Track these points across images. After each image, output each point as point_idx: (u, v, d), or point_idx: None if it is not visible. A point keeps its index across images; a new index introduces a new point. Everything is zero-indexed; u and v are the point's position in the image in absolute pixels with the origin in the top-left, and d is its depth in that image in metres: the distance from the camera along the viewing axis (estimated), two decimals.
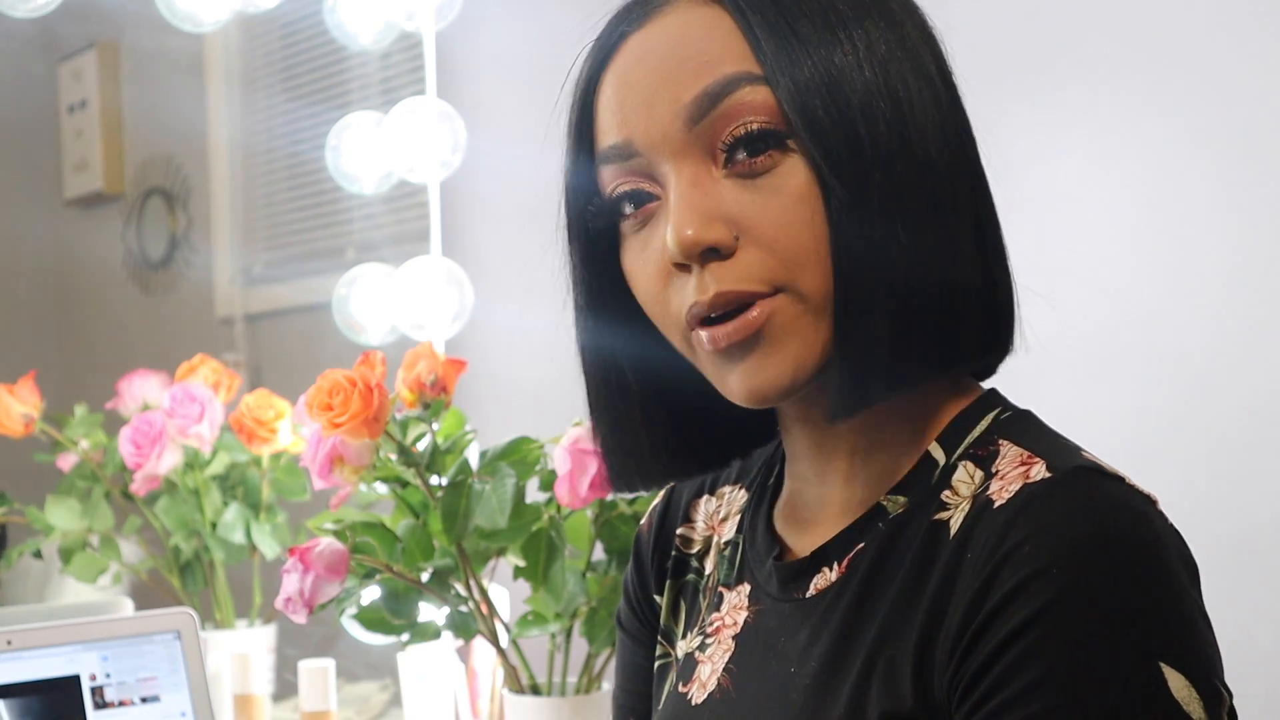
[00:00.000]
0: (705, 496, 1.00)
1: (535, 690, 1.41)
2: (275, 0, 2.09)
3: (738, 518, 0.96)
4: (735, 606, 0.91)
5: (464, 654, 1.70)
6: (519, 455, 1.35)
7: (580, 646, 1.40)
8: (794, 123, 0.77)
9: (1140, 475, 0.78)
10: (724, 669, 0.89)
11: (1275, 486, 1.51)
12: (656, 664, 0.99)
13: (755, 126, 0.77)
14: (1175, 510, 0.77)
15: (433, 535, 1.36)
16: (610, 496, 1.34)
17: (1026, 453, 0.77)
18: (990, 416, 0.82)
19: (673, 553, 0.99)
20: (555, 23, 2.19)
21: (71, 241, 2.43)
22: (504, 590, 1.54)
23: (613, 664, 1.42)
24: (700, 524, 0.99)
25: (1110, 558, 0.70)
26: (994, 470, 0.78)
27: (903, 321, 0.77)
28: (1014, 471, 0.76)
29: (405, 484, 1.38)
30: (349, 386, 1.27)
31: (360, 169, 2.03)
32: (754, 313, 0.77)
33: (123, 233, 2.41)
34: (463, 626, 1.38)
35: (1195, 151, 1.57)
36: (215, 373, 1.89)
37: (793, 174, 0.77)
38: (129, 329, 2.45)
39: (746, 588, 0.91)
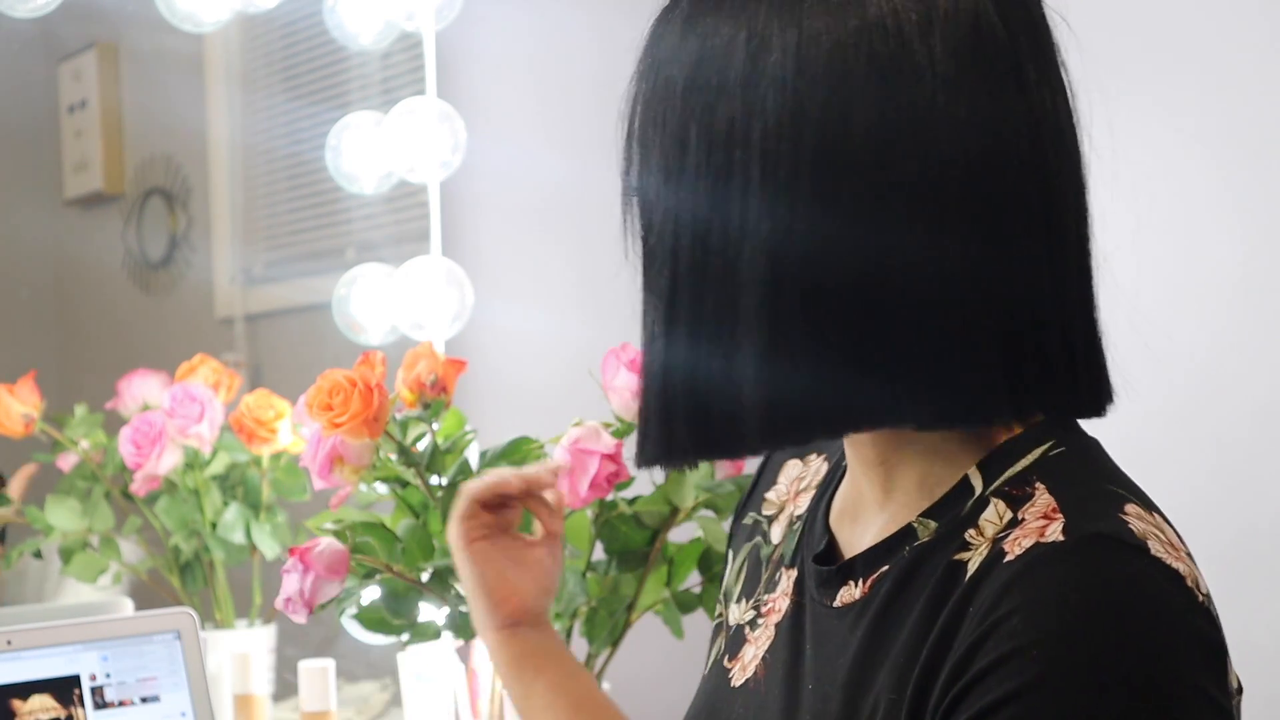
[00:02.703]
0: (795, 460, 0.96)
1: None
2: (275, 0, 2.09)
3: (814, 492, 0.93)
4: (784, 592, 0.88)
5: (464, 654, 1.70)
6: (519, 455, 1.35)
7: (580, 647, 1.40)
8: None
9: (1141, 476, 0.77)
10: (763, 657, 0.87)
11: (1276, 487, 1.51)
12: (715, 620, 0.97)
13: None
14: (1175, 511, 0.76)
15: (433, 535, 1.36)
16: (610, 497, 1.34)
17: (1054, 504, 0.72)
18: (1039, 451, 0.76)
19: (752, 513, 0.97)
20: (555, 23, 2.20)
21: (71, 241, 2.43)
22: None
23: (613, 664, 1.42)
24: (783, 487, 0.96)
25: (1097, 644, 0.65)
26: (1020, 517, 0.73)
27: (940, 353, 0.72)
28: (1034, 524, 0.71)
29: (405, 484, 1.38)
30: (349, 386, 1.27)
31: (360, 169, 2.03)
32: None
33: (123, 233, 2.40)
34: (463, 626, 1.38)
35: (1199, 151, 1.57)
36: (215, 373, 1.89)
37: None
38: (129, 329, 2.44)
39: (794, 574, 0.88)
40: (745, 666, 0.88)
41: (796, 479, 0.95)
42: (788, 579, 0.89)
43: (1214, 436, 1.56)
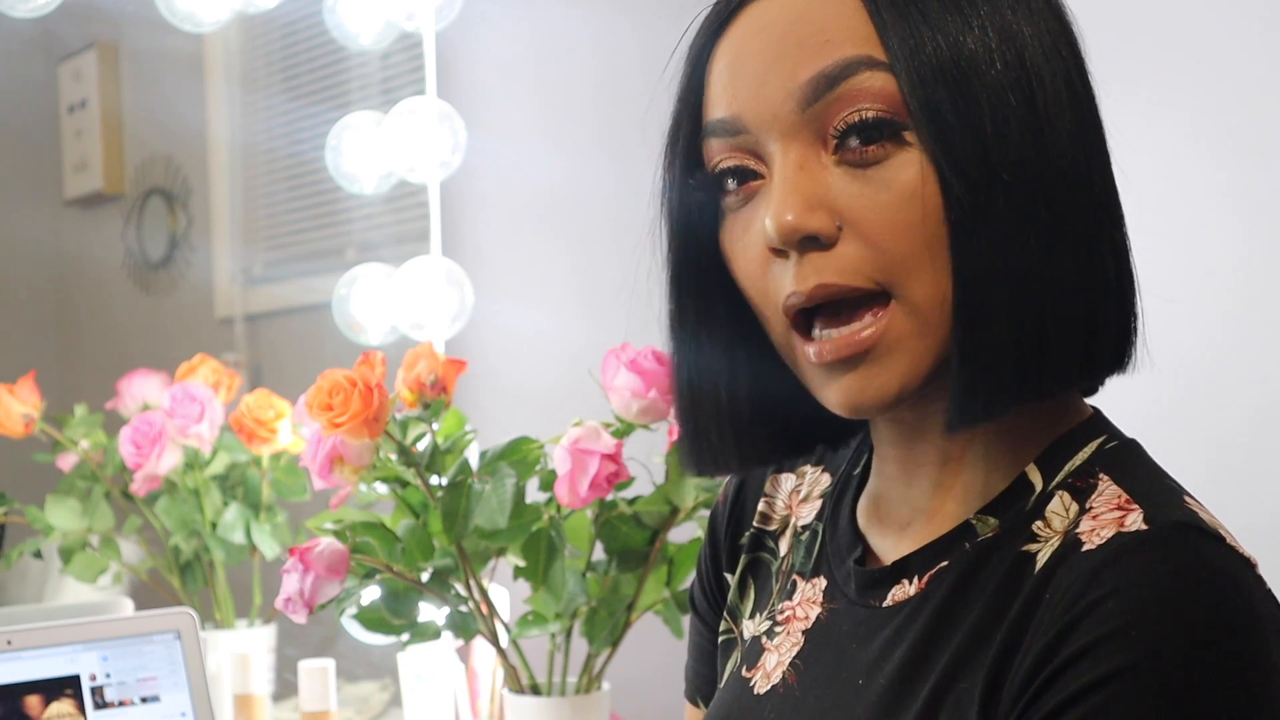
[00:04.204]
0: (785, 473, 0.96)
1: (535, 690, 1.41)
2: (275, 0, 2.09)
3: (818, 503, 0.92)
4: (808, 600, 0.88)
5: (464, 654, 1.70)
6: (519, 455, 1.35)
7: (580, 646, 1.40)
8: (915, 115, 0.73)
9: None
10: (790, 663, 0.86)
11: (1276, 487, 1.51)
12: (721, 639, 0.96)
13: (871, 114, 0.73)
14: None
15: (433, 535, 1.36)
16: (610, 497, 1.34)
17: (1125, 495, 0.74)
18: (1095, 445, 0.78)
19: (750, 529, 0.96)
20: (555, 23, 2.20)
21: (71, 241, 2.43)
22: (504, 590, 1.54)
23: (613, 664, 1.42)
24: (780, 501, 0.95)
25: (1196, 627, 0.66)
26: (1088, 507, 0.74)
27: (1032, 332, 0.73)
28: (1109, 514, 0.73)
29: (405, 484, 1.38)
30: (349, 386, 1.27)
31: (360, 169, 2.03)
32: (865, 332, 0.74)
33: (123, 233, 2.41)
34: (463, 626, 1.38)
35: (1200, 151, 1.57)
36: (215, 373, 1.89)
37: (906, 168, 0.73)
38: (129, 329, 2.44)
39: (822, 582, 0.88)
40: (769, 674, 0.87)
41: (793, 491, 0.95)
42: (813, 587, 0.88)
43: (1214, 436, 1.56)
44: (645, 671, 1.66)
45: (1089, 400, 0.84)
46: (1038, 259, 0.73)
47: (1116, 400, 0.84)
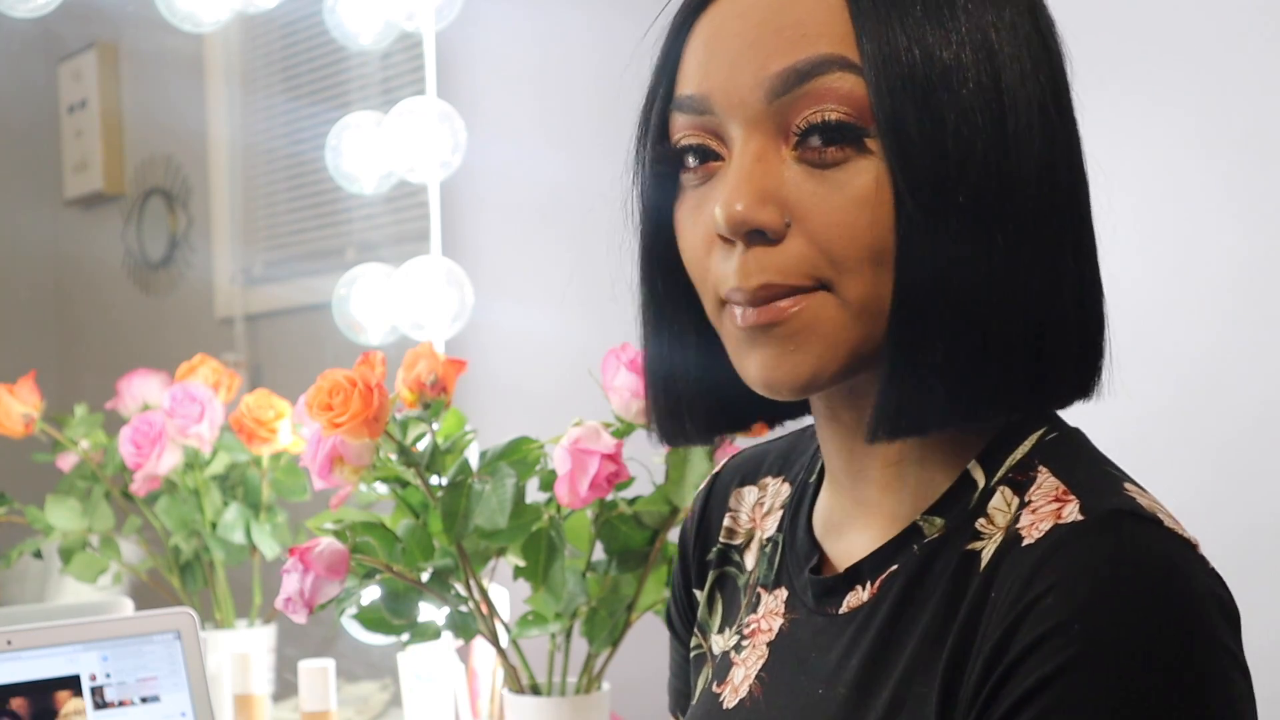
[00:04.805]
0: (748, 486, 0.97)
1: (535, 690, 1.41)
2: (275, 0, 2.09)
3: (779, 514, 0.93)
4: (771, 611, 0.88)
5: (464, 654, 1.70)
6: (519, 455, 1.35)
7: (580, 646, 1.40)
8: (879, 124, 0.72)
9: (1141, 476, 0.78)
10: (756, 676, 0.87)
11: (1276, 487, 1.51)
12: (692, 654, 0.97)
13: (835, 117, 0.73)
14: (1177, 511, 0.76)
15: (433, 535, 1.36)
16: (610, 497, 1.34)
17: (1063, 486, 0.74)
18: (1035, 437, 0.78)
19: (716, 545, 0.97)
20: (555, 23, 2.20)
21: (71, 241, 2.43)
22: (504, 590, 1.54)
23: (613, 664, 1.42)
24: (744, 514, 0.96)
25: (1135, 613, 0.66)
26: (1027, 500, 0.74)
27: (967, 354, 0.72)
28: (1047, 507, 0.73)
29: (405, 484, 1.38)
30: (349, 386, 1.27)
31: (360, 169, 2.03)
32: (791, 308, 0.74)
33: (123, 233, 2.40)
34: (463, 626, 1.38)
35: (1200, 151, 1.57)
36: (215, 373, 1.89)
37: (863, 174, 0.73)
38: (129, 329, 2.44)
39: (784, 593, 0.88)
40: (736, 688, 0.88)
41: (756, 504, 0.96)
42: (775, 598, 0.89)
43: (1214, 436, 1.56)
44: (645, 671, 1.66)
45: (1098, 402, 0.83)
46: (985, 282, 0.72)
47: (1116, 400, 0.84)
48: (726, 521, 0.97)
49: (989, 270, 0.72)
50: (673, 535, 1.39)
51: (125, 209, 2.41)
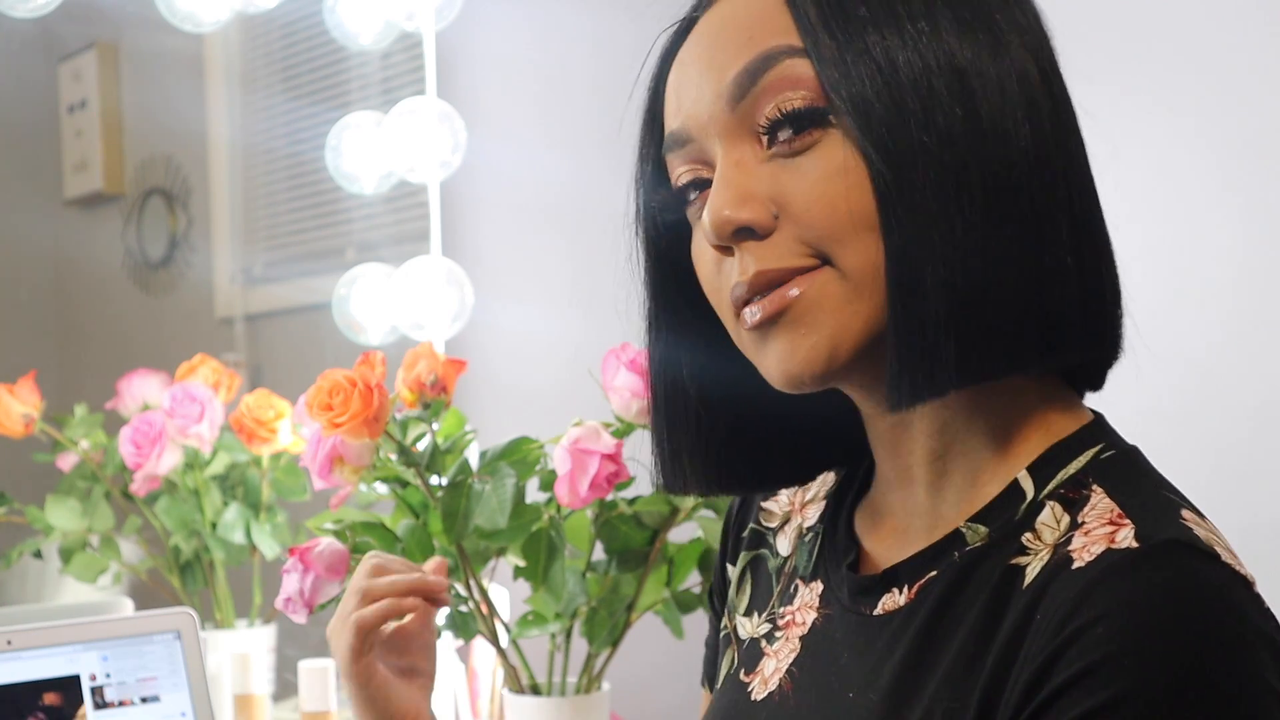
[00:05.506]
0: None
1: (535, 690, 1.41)
2: (275, 0, 2.09)
3: (823, 504, 0.92)
4: (806, 604, 0.87)
5: (464, 654, 1.70)
6: (519, 455, 1.35)
7: (580, 646, 1.40)
8: (829, 91, 0.73)
9: None
10: (787, 670, 0.86)
11: (1276, 487, 1.51)
12: (721, 633, 0.96)
13: (795, 104, 0.74)
14: None
15: (433, 535, 1.36)
16: (610, 497, 1.34)
17: (1118, 509, 0.72)
18: (1091, 453, 0.76)
19: (751, 524, 0.96)
20: (555, 23, 2.20)
21: (71, 241, 2.43)
22: (504, 590, 1.54)
23: (613, 664, 1.42)
24: (783, 499, 0.95)
25: (1186, 652, 0.65)
26: (1080, 520, 0.72)
27: (968, 307, 0.72)
28: (1100, 529, 0.71)
29: (405, 484, 1.38)
30: (349, 386, 1.27)
31: (360, 169, 2.04)
32: (792, 291, 0.74)
33: (123, 233, 2.40)
34: (463, 626, 1.38)
35: (1201, 151, 1.57)
36: (215, 373, 1.89)
37: (832, 148, 0.73)
38: (129, 329, 2.44)
39: (820, 586, 0.87)
40: (766, 680, 0.87)
41: (800, 490, 0.95)
42: (810, 591, 0.88)
43: (1214, 436, 1.56)
44: (645, 671, 1.66)
45: (1097, 403, 0.83)
46: (971, 234, 0.72)
47: (1116, 400, 0.84)
48: (766, 504, 0.96)
49: (974, 221, 0.72)
50: (673, 535, 1.39)
51: (125, 209, 2.41)
